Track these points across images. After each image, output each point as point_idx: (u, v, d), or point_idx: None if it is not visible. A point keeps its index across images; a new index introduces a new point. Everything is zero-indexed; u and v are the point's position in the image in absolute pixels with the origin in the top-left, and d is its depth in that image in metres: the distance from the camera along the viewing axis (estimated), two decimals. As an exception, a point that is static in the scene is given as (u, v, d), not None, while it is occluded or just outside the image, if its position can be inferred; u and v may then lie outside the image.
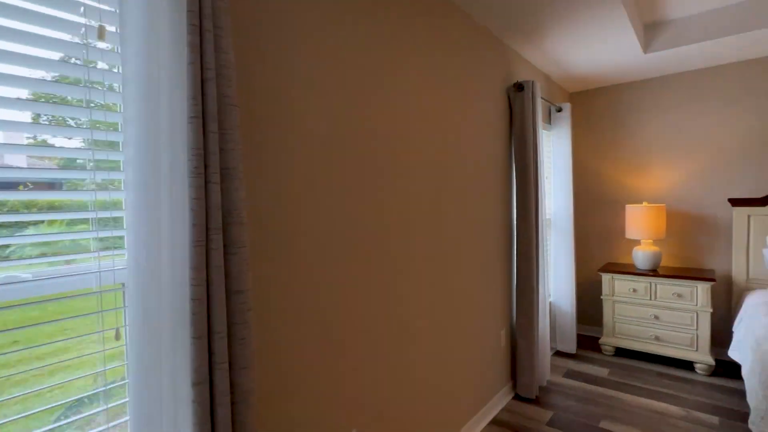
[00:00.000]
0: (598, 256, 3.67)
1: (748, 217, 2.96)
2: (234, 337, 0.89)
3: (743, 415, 2.34)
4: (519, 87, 2.54)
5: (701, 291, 2.87)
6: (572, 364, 3.09)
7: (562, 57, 2.84)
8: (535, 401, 2.55)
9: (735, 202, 2.99)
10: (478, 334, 2.24)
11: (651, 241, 3.22)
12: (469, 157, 2.15)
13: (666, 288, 3.00)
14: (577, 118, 3.74)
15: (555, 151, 3.24)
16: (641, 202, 3.43)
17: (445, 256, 1.96)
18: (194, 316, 0.82)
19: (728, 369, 2.96)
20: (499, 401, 2.47)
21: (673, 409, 2.43)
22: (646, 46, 2.79)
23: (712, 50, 2.76)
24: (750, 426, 1.81)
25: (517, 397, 2.61)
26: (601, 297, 3.29)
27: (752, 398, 1.90)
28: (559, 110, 3.22)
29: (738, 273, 3.00)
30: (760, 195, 2.98)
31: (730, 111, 3.06)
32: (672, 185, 3.31)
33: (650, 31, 2.76)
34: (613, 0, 2.06)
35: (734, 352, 2.57)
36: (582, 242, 3.75)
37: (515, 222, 2.61)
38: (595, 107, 3.65)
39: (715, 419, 2.31)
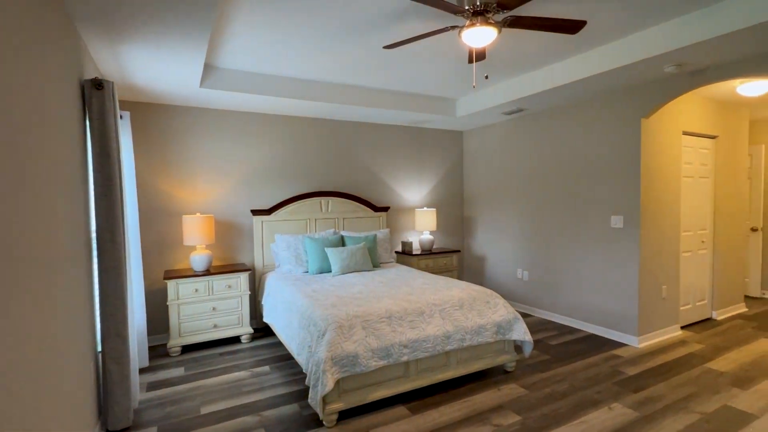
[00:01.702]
0: (159, 264, 3.79)
1: (262, 222, 4.22)
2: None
3: (282, 357, 3.41)
4: (98, 85, 2.27)
5: (243, 279, 3.77)
6: (150, 377, 3.06)
7: (132, 65, 2.78)
8: (132, 428, 2.39)
9: (255, 212, 4.15)
10: (60, 376, 1.83)
11: (204, 245, 3.78)
12: (40, 160, 1.73)
13: (220, 283, 3.67)
14: (133, 130, 3.65)
15: (117, 160, 3.05)
16: (195, 213, 3.92)
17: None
18: None
19: (262, 331, 4.07)
20: (95, 447, 2.11)
21: (242, 374, 3.11)
22: (202, 81, 3.31)
23: (248, 101, 3.72)
24: (297, 358, 2.77)
25: (110, 434, 2.32)
26: (168, 303, 3.45)
27: (294, 339, 2.88)
28: (120, 117, 3.06)
29: (258, 263, 4.19)
30: (268, 207, 4.32)
31: (254, 147, 4.21)
32: (217, 198, 4.05)
33: (205, 69, 3.30)
34: (203, 36, 2.40)
35: (268, 318, 3.65)
36: (144, 253, 3.72)
37: (97, 237, 2.30)
38: (153, 122, 3.73)
39: (267, 368, 3.21)
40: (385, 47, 2.46)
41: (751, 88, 3.51)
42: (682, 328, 4.03)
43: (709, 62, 2.86)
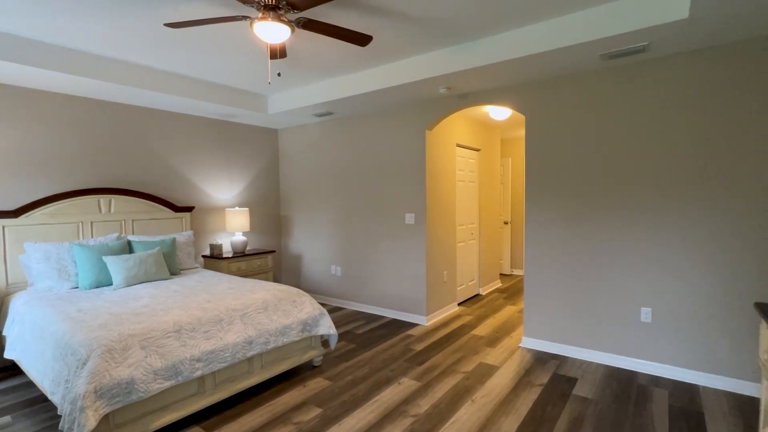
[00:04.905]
0: None
1: (3, 228, 3.20)
2: None
3: (34, 400, 2.65)
4: None
5: (-32, 306, 2.78)
6: None
7: None
8: None
9: (-10, 215, 3.12)
10: None
11: None
12: None
13: None
14: None
15: None
16: None
17: None
18: None
19: (9, 370, 3.07)
20: None
21: (-39, 435, 2.28)
22: None
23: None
24: (51, 398, 2.18)
25: None
26: None
27: (47, 375, 2.26)
28: None
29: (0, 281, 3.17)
30: (14, 208, 3.30)
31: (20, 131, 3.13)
32: None
33: None
34: None
35: (12, 352, 2.79)
36: None
37: None
38: None
39: (7, 418, 2.44)
40: (166, 25, 2.17)
41: (497, 113, 4.55)
42: (459, 304, 4.93)
43: (468, 89, 3.57)
